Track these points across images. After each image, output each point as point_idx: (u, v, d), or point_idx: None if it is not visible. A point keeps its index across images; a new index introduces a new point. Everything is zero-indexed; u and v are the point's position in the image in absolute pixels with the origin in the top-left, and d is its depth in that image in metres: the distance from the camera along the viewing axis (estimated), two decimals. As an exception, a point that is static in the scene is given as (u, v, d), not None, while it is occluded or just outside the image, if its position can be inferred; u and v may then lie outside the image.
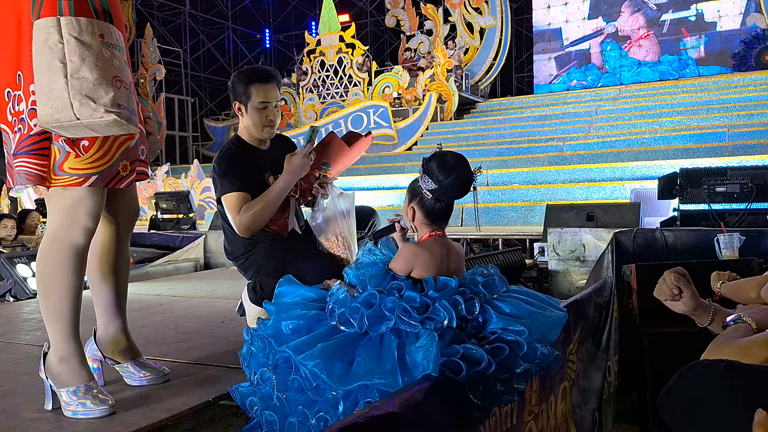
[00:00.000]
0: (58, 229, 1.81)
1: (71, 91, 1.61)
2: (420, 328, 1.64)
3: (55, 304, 1.82)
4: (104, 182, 1.80)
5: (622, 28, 18.26)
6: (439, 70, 16.20)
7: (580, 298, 2.96)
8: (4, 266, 4.17)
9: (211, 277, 5.00)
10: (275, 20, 25.24)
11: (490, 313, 1.73)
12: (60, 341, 1.83)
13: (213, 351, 2.43)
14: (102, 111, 1.61)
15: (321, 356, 1.61)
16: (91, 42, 1.63)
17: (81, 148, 1.76)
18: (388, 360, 1.61)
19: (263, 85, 2.69)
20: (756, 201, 4.35)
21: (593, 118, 14.43)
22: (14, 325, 3.07)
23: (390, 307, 1.68)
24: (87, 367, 1.86)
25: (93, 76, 1.61)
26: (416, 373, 1.57)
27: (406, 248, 1.87)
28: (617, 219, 4.87)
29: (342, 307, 1.73)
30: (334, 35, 17.86)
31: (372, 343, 1.67)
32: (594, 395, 3.06)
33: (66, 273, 1.80)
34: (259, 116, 2.70)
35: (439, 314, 1.67)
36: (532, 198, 9.47)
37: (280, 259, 2.64)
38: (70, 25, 1.62)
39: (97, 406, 1.76)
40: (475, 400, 1.61)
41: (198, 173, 12.67)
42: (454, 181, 1.83)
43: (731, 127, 11.40)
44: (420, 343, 1.60)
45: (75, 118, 1.61)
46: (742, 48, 16.69)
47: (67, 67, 1.61)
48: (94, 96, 1.61)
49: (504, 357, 1.65)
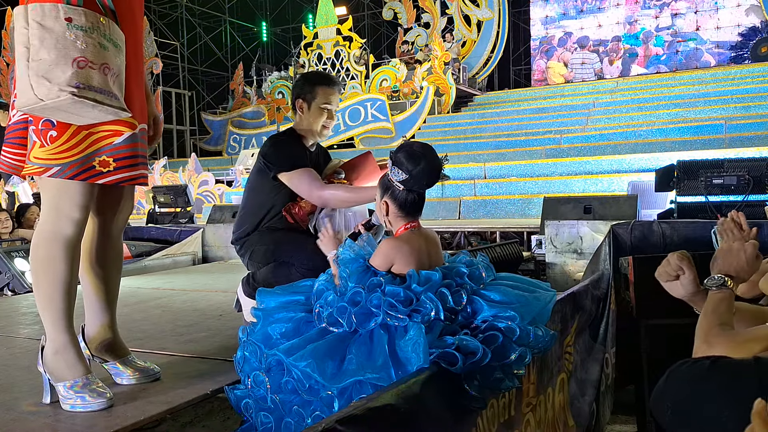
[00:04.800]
0: (47, 220, 1.82)
1: (30, 72, 1.62)
2: (408, 321, 1.65)
3: (46, 294, 1.82)
4: (68, 175, 1.76)
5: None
6: (437, 63, 16.17)
7: (578, 290, 2.96)
8: (1, 260, 4.17)
9: (209, 270, 5.00)
10: (272, 13, 25.15)
11: (479, 302, 1.74)
12: (54, 332, 1.83)
13: (211, 344, 2.43)
14: (56, 90, 1.60)
15: (312, 356, 1.61)
16: (53, 25, 1.63)
17: (48, 139, 1.75)
18: (379, 355, 1.61)
19: (328, 88, 2.88)
20: (753, 193, 4.35)
21: (590, 111, 14.42)
22: (12, 319, 3.07)
23: (376, 303, 1.69)
24: (83, 360, 1.86)
25: (51, 56, 1.61)
26: (408, 367, 1.57)
27: (385, 243, 1.87)
28: (614, 211, 4.87)
29: (329, 308, 1.74)
30: (332, 28, 17.80)
31: (362, 339, 1.67)
32: (592, 387, 3.07)
33: (55, 263, 1.80)
34: (320, 116, 2.85)
35: (425, 306, 1.68)
36: (530, 191, 9.47)
37: (276, 243, 2.71)
38: (34, 10, 1.63)
39: (95, 399, 1.76)
40: (471, 392, 1.62)
41: (195, 167, 12.65)
42: (423, 169, 1.84)
43: (728, 120, 11.41)
44: (408, 336, 1.61)
45: (38, 99, 1.61)
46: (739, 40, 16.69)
47: (29, 51, 1.62)
48: (50, 76, 1.61)
49: (498, 345, 1.66)
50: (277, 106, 18.54)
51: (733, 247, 1.71)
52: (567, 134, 12.81)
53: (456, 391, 1.61)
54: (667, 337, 2.96)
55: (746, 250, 1.69)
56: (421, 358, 1.54)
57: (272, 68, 21.16)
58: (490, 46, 18.89)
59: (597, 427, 3.14)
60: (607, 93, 15.89)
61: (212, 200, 11.80)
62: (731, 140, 10.45)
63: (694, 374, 1.28)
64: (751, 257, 1.68)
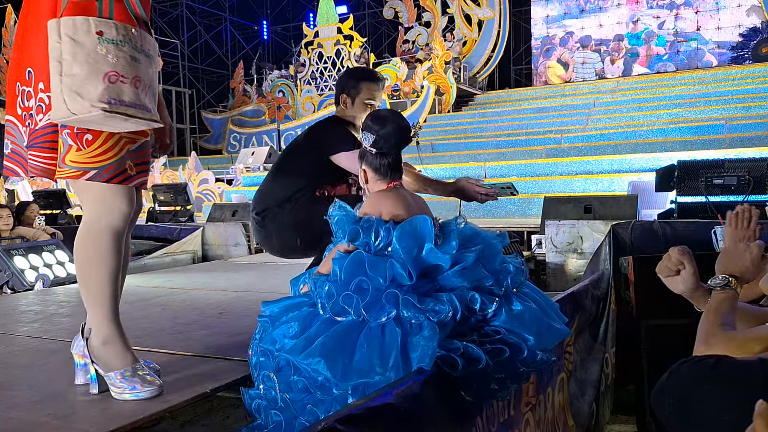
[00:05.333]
0: (95, 217, 1.84)
1: (63, 87, 1.64)
2: (423, 319, 1.60)
3: (97, 288, 1.84)
4: (104, 178, 1.79)
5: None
6: (437, 62, 16.18)
7: (578, 290, 2.96)
8: (1, 258, 4.16)
9: (209, 269, 4.99)
10: (273, 12, 25.15)
11: (500, 308, 1.69)
12: (103, 325, 1.85)
13: (211, 343, 2.43)
14: (88, 105, 1.63)
15: (321, 353, 1.59)
16: (84, 40, 1.64)
17: (84, 142, 1.77)
18: (390, 352, 1.57)
19: (372, 83, 2.97)
20: (753, 193, 4.35)
21: (591, 111, 14.42)
22: (11, 317, 3.07)
23: (392, 300, 1.64)
24: (131, 349, 1.88)
25: (83, 72, 1.63)
26: (414, 365, 1.56)
27: (369, 197, 1.91)
28: (615, 211, 4.87)
29: (331, 299, 1.70)
30: (332, 27, 17.81)
31: (373, 333, 1.63)
32: (591, 387, 3.07)
33: (106, 255, 1.82)
34: (363, 111, 2.92)
35: (443, 308, 1.62)
36: (530, 190, 9.46)
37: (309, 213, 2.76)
38: (65, 25, 1.65)
39: (146, 387, 1.79)
40: (466, 397, 1.61)
41: (195, 165, 12.65)
42: (391, 129, 1.91)
43: (729, 120, 11.42)
44: (422, 335, 1.57)
45: (70, 113, 1.64)
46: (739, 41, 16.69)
47: (62, 66, 1.64)
48: (82, 91, 1.63)
49: (503, 359, 1.63)
50: (277, 104, 18.55)
51: (738, 248, 1.70)
52: (567, 134, 12.82)
53: (456, 392, 1.61)
54: (668, 337, 2.95)
55: (752, 250, 1.68)
56: (426, 362, 1.52)
57: (273, 67, 21.18)
58: (490, 45, 18.89)
59: (596, 427, 3.14)
60: (608, 93, 15.89)
61: (212, 199, 11.80)
62: (732, 140, 10.45)
63: (696, 373, 1.27)
64: (757, 258, 1.67)
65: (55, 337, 2.55)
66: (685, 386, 1.27)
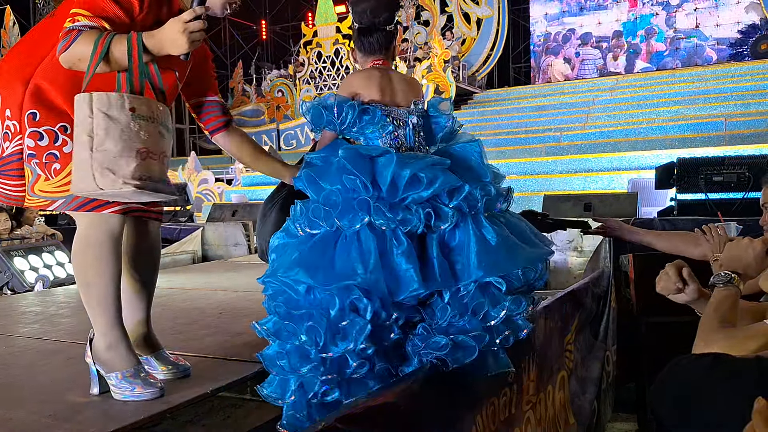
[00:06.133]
0: (90, 225, 1.83)
1: (93, 162, 1.64)
2: (395, 226, 1.65)
3: (100, 293, 1.84)
4: (73, 207, 1.80)
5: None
6: (436, 60, 16.15)
7: (578, 288, 2.96)
8: (1, 259, 4.16)
9: (209, 269, 4.99)
10: (271, 11, 25.13)
11: (467, 250, 1.70)
12: (106, 329, 1.85)
13: (211, 343, 2.43)
14: (121, 182, 1.64)
15: (299, 264, 1.64)
16: (118, 116, 1.66)
17: (52, 172, 1.78)
18: (369, 257, 1.62)
19: None
20: (753, 190, 4.35)
21: (590, 109, 14.42)
22: (11, 318, 3.07)
23: (365, 207, 1.67)
24: (134, 352, 1.89)
25: (117, 148, 1.64)
26: (403, 286, 1.60)
27: (346, 77, 1.95)
28: (614, 209, 4.88)
29: (303, 215, 1.73)
30: (331, 26, 17.79)
31: (350, 240, 1.67)
32: (592, 384, 3.07)
33: (108, 261, 1.83)
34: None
35: (412, 216, 1.67)
36: (530, 188, 9.45)
37: None
38: (99, 99, 1.65)
39: (146, 389, 1.79)
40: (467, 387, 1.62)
41: (195, 165, 12.62)
42: (366, 4, 1.93)
43: (728, 117, 11.40)
44: (401, 250, 1.63)
45: (98, 188, 1.65)
46: (738, 37, 16.69)
47: (93, 141, 1.65)
48: (114, 168, 1.64)
49: (485, 311, 1.67)
50: (276, 104, 18.54)
51: (741, 244, 1.70)
52: (567, 132, 12.80)
53: (455, 389, 1.61)
54: (668, 335, 2.94)
55: (755, 247, 1.68)
56: (416, 281, 1.58)
57: (272, 66, 21.17)
58: (489, 43, 18.87)
59: (598, 425, 3.14)
60: (607, 90, 15.88)
61: (212, 199, 11.78)
62: (731, 137, 10.44)
63: (695, 369, 1.27)
64: (760, 255, 1.67)
65: (55, 338, 2.55)
66: (684, 382, 1.27)
